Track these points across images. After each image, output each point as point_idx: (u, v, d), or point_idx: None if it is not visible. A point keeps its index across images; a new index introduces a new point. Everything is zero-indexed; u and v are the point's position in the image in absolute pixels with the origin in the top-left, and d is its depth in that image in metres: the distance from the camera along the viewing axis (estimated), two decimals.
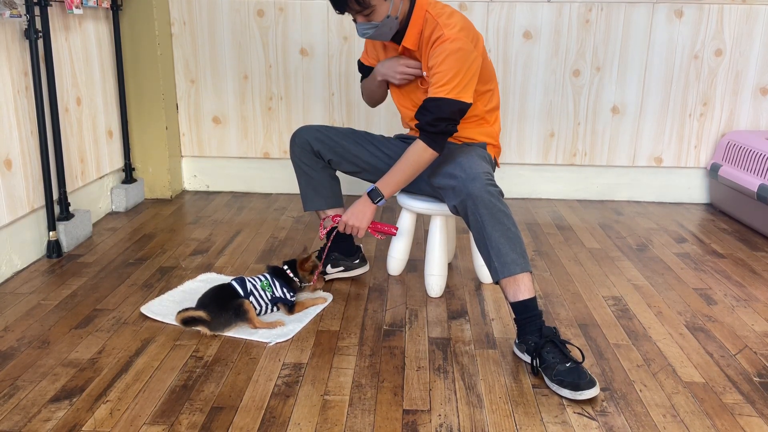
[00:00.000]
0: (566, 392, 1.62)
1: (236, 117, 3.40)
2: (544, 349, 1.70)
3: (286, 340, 1.89)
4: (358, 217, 2.02)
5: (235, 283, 1.96)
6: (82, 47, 2.78)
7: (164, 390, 1.63)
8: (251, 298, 1.95)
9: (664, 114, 3.32)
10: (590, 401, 1.61)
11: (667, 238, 2.86)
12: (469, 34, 1.92)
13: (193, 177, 3.50)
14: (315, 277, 2.13)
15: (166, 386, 1.65)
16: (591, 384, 1.61)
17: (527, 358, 1.78)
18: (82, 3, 2.63)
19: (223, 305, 1.90)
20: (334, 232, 2.15)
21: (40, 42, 2.40)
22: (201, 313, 1.86)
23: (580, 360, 1.72)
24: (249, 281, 1.99)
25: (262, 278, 2.02)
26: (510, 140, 3.36)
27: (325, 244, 2.22)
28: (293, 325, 1.97)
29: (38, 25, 2.37)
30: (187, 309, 1.89)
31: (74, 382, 1.66)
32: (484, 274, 2.31)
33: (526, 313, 1.78)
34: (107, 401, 1.58)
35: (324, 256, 2.23)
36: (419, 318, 2.06)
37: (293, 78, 3.33)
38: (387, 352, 1.84)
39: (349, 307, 2.13)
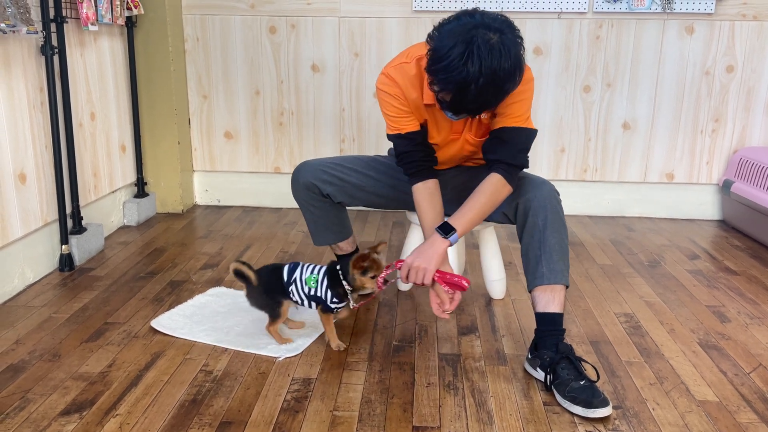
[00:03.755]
0: (578, 409, 1.60)
1: (248, 132, 3.42)
2: (559, 364, 1.69)
3: (296, 355, 1.88)
4: (425, 256, 1.71)
5: (286, 268, 1.92)
6: (96, 63, 2.82)
7: (173, 404, 1.63)
8: (291, 287, 1.90)
9: (676, 130, 3.31)
10: (602, 420, 1.59)
11: (680, 254, 2.84)
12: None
13: (205, 191, 3.52)
14: (375, 284, 1.84)
15: (176, 400, 1.65)
16: (604, 403, 1.59)
17: (539, 375, 1.76)
18: (97, 20, 2.67)
19: (271, 288, 1.91)
20: (392, 281, 1.90)
21: (56, 58, 2.43)
22: (251, 274, 1.89)
23: (595, 379, 1.70)
24: (299, 270, 1.91)
25: (316, 273, 1.90)
26: None
27: (371, 293, 1.94)
28: (302, 340, 1.96)
29: (54, 42, 2.41)
30: (244, 262, 1.91)
31: (84, 395, 1.66)
32: (495, 290, 2.30)
33: (550, 326, 1.77)
34: (117, 415, 1.58)
35: (370, 299, 2.09)
36: (429, 333, 2.05)
37: (304, 93, 3.36)
38: (397, 368, 1.83)
39: (358, 322, 2.12)
